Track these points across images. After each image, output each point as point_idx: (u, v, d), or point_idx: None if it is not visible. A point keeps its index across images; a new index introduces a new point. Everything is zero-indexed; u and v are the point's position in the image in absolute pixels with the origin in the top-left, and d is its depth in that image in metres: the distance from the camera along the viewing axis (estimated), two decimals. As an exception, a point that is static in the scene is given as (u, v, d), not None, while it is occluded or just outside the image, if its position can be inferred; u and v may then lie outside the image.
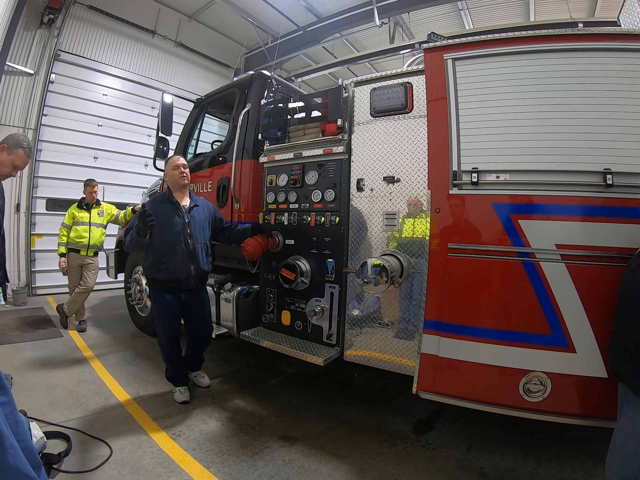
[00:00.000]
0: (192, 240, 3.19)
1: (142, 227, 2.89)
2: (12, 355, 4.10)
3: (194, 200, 3.37)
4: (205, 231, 3.32)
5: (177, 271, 3.14)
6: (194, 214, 3.27)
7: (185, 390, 3.38)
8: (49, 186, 7.45)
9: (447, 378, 2.53)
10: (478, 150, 2.46)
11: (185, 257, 3.16)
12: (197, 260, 3.22)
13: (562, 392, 2.28)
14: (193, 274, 3.20)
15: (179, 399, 3.31)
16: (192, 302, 3.31)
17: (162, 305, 3.23)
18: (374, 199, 2.93)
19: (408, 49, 7.37)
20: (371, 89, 3.00)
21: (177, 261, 3.13)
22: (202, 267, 3.26)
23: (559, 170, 2.27)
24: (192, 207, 3.30)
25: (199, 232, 3.25)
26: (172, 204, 3.23)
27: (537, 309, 2.27)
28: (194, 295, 3.31)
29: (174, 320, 3.29)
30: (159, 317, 3.29)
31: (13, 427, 1.77)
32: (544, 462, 2.64)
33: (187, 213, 3.24)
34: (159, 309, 3.27)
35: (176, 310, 3.26)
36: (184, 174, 3.28)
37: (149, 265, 3.19)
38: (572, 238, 2.23)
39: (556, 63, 2.34)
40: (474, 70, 2.53)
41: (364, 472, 2.51)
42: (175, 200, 3.25)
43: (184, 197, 3.34)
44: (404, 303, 2.81)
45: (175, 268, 3.13)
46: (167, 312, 3.24)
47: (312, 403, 3.42)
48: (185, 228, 3.18)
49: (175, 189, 3.32)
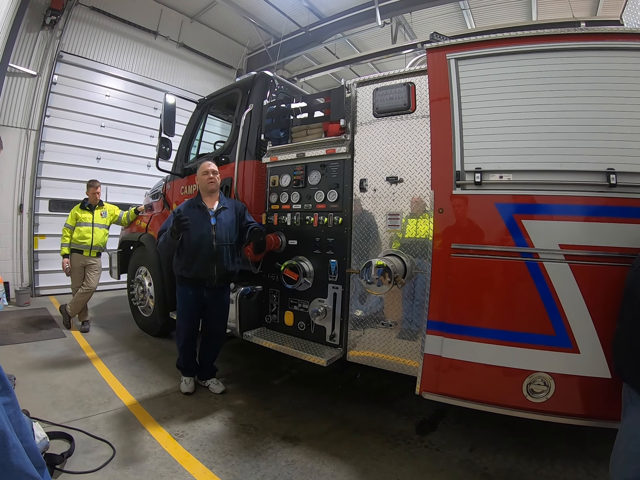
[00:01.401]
0: (217, 242, 3.29)
1: (176, 229, 3.06)
2: (15, 356, 4.11)
3: (222, 203, 3.44)
4: (232, 233, 3.40)
5: (200, 270, 3.29)
6: (221, 217, 3.36)
7: (190, 382, 3.53)
8: (52, 187, 7.46)
9: (450, 378, 2.53)
10: (481, 150, 2.45)
11: (209, 257, 3.27)
12: (221, 260, 3.32)
13: (566, 392, 2.28)
14: (215, 274, 3.30)
15: (183, 389, 3.48)
16: (213, 301, 3.43)
17: (185, 300, 3.42)
18: (377, 199, 2.93)
19: (410, 49, 7.35)
20: (374, 89, 3.01)
21: (201, 261, 3.27)
22: (225, 267, 3.34)
23: (562, 170, 2.26)
24: (220, 209, 3.39)
25: (225, 234, 3.34)
26: (199, 208, 3.37)
27: (541, 309, 2.27)
28: (216, 295, 3.43)
29: (193, 315, 3.46)
30: (181, 310, 3.48)
31: (16, 427, 1.77)
32: (547, 463, 2.63)
33: (213, 216, 3.34)
34: (181, 303, 3.46)
35: (197, 307, 3.42)
36: (213, 179, 3.40)
37: (177, 263, 3.38)
38: (576, 238, 2.23)
39: (558, 62, 2.34)
40: (476, 70, 2.54)
41: (367, 473, 2.50)
42: (203, 205, 3.38)
43: (213, 200, 3.44)
44: (407, 303, 2.80)
45: (199, 267, 3.28)
46: (189, 307, 3.42)
47: (315, 403, 3.42)
48: (210, 230, 3.30)
49: (204, 193, 3.44)
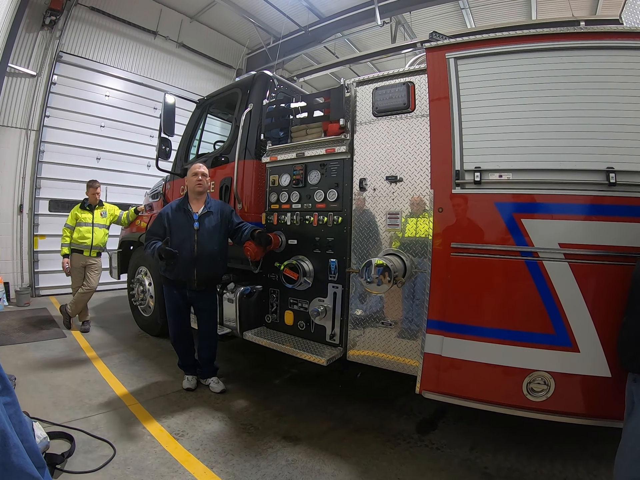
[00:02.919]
0: (199, 246, 3.30)
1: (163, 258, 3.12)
2: (15, 356, 4.11)
3: (207, 207, 3.43)
4: (215, 238, 3.39)
5: (180, 273, 3.33)
6: (205, 221, 3.36)
7: (192, 379, 3.61)
8: (52, 187, 7.46)
9: (450, 378, 2.53)
10: (481, 149, 2.45)
11: (189, 262, 3.29)
12: (202, 265, 3.33)
13: (566, 391, 2.27)
14: (195, 278, 3.33)
15: (185, 385, 3.57)
16: (197, 300, 3.49)
17: (170, 299, 3.49)
18: (376, 198, 2.93)
19: (410, 48, 7.37)
20: (373, 89, 3.00)
21: (181, 265, 3.28)
22: (205, 272, 3.36)
23: (562, 169, 2.26)
24: (204, 214, 3.38)
25: (207, 239, 3.34)
26: (184, 212, 3.38)
27: (541, 308, 2.26)
28: (200, 296, 3.47)
29: (179, 313, 3.51)
30: (168, 310, 3.58)
31: (17, 427, 1.78)
32: (547, 462, 2.63)
33: (197, 221, 3.34)
34: (168, 302, 3.54)
35: (182, 305, 3.48)
36: (200, 182, 3.39)
37: (161, 264, 3.36)
38: (576, 237, 2.22)
39: (558, 62, 2.34)
40: (476, 69, 2.53)
41: (367, 472, 2.50)
42: (188, 209, 3.38)
43: (199, 203, 3.44)
44: (407, 303, 2.80)
45: (179, 270, 3.31)
46: (175, 305, 3.49)
47: (316, 403, 3.42)
48: (192, 235, 3.31)
49: (191, 195, 3.45)
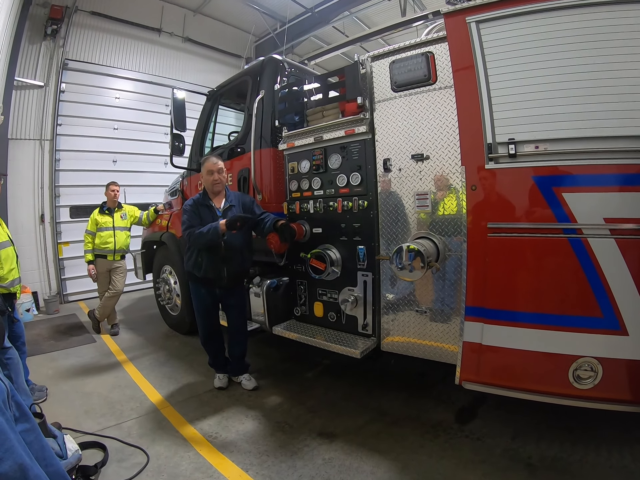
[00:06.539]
0: (226, 242, 3.17)
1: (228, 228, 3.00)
2: (46, 365, 4.15)
3: (229, 200, 3.33)
4: (240, 231, 3.24)
5: (209, 271, 3.22)
6: (229, 215, 3.23)
7: (223, 377, 3.57)
8: (71, 194, 7.50)
9: (492, 367, 2.41)
10: (513, 119, 2.27)
11: (217, 259, 3.20)
12: (230, 262, 3.24)
13: (614, 378, 2.12)
14: (225, 275, 3.24)
15: (216, 384, 3.53)
16: (227, 297, 3.41)
17: (198, 298, 3.42)
18: (402, 179, 2.77)
19: (421, 20, 7.03)
20: (390, 62, 2.82)
21: (209, 262, 3.20)
22: (235, 269, 3.29)
23: (604, 137, 2.05)
24: (227, 208, 3.28)
25: (234, 234, 3.20)
26: (208, 207, 3.27)
27: (587, 289, 2.10)
28: (229, 292, 3.39)
29: (208, 312, 3.45)
30: (196, 309, 3.49)
31: (39, 452, 1.72)
32: (591, 449, 2.46)
33: (221, 216, 3.22)
34: (196, 300, 3.45)
35: (210, 304, 3.41)
36: (218, 180, 3.25)
37: (189, 260, 3.31)
38: (622, 211, 2.03)
39: (595, 17, 2.07)
40: (501, 32, 2.31)
41: (407, 468, 2.40)
42: (211, 205, 3.28)
43: (220, 198, 3.34)
44: (442, 288, 2.65)
45: (207, 268, 3.22)
46: (202, 305, 3.42)
47: (350, 395, 3.32)
48: None
49: (210, 193, 3.33)
